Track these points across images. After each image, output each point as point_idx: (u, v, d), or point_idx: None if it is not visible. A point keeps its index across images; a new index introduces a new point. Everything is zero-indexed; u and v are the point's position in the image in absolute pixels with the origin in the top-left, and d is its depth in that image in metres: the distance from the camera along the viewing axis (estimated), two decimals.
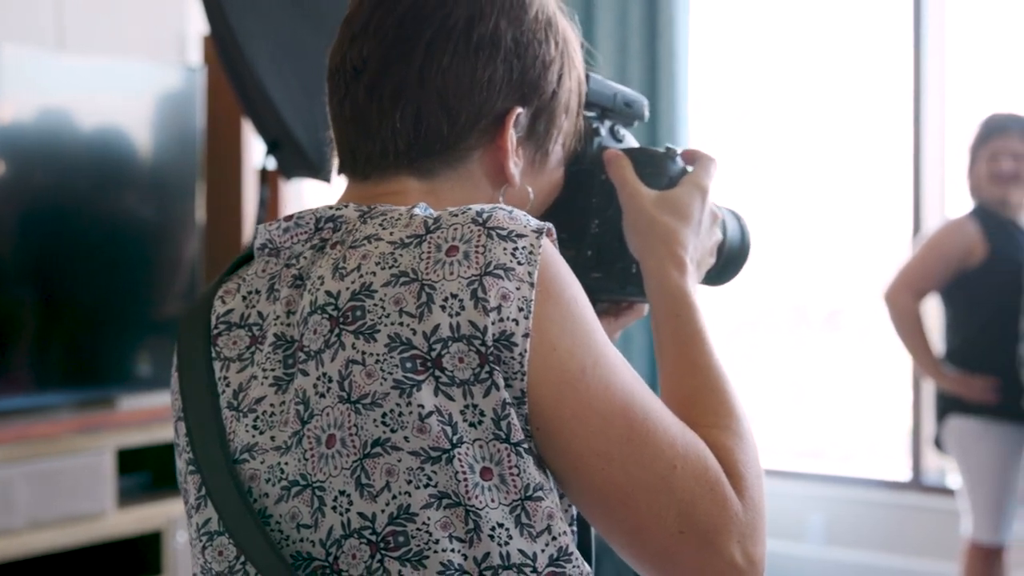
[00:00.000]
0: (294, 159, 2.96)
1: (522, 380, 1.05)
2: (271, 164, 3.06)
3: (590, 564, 1.17)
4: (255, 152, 4.31)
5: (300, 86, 2.85)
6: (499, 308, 1.04)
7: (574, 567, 1.08)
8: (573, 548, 1.09)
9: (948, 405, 4.07)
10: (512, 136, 1.19)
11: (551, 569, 1.07)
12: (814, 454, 5.52)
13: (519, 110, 1.19)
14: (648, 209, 1.26)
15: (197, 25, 4.32)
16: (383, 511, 1.05)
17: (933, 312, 4.25)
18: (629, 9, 4.94)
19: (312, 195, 4.78)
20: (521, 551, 1.06)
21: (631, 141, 1.34)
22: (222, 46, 2.99)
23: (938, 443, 4.18)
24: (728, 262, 1.38)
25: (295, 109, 2.87)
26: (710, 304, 5.19)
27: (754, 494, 1.12)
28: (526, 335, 1.05)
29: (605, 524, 1.11)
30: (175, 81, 4.06)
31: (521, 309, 1.05)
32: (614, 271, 1.29)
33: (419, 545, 1.05)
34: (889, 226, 5.16)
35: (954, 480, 4.15)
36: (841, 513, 5.05)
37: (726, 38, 5.50)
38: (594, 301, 1.13)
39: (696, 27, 4.99)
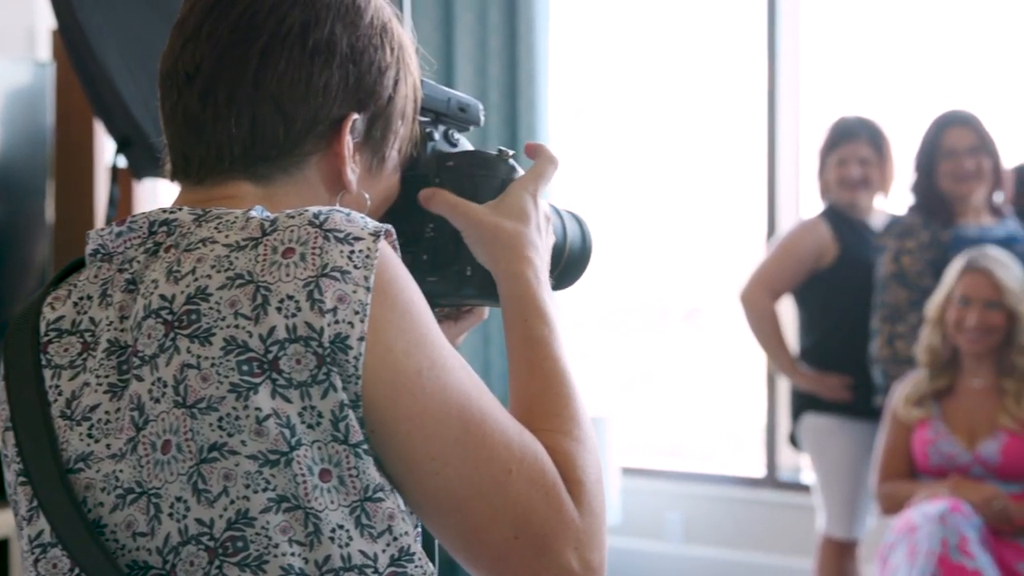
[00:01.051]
0: (145, 157, 2.90)
1: (357, 383, 1.05)
2: (122, 162, 2.99)
3: (434, 563, 1.16)
4: (106, 150, 4.21)
5: (150, 83, 2.78)
6: (335, 310, 1.04)
7: (416, 567, 1.08)
8: (416, 548, 1.08)
9: (803, 403, 4.15)
10: (349, 142, 1.19)
11: (392, 569, 1.07)
12: (673, 452, 5.58)
13: (355, 116, 1.18)
14: (486, 220, 1.26)
15: (46, 20, 4.21)
16: (221, 516, 1.04)
17: (788, 312, 4.32)
18: (489, 8, 4.93)
19: (167, 194, 4.70)
20: (362, 552, 1.06)
21: (465, 145, 1.35)
22: (71, 42, 2.91)
23: (793, 440, 4.26)
24: (569, 266, 1.40)
25: (145, 106, 2.81)
26: (572, 302, 5.30)
27: (592, 500, 1.12)
28: (361, 338, 1.05)
29: (439, 527, 1.11)
30: (24, 77, 3.95)
31: (357, 312, 1.05)
32: (449, 274, 1.29)
33: (258, 550, 1.04)
34: (745, 226, 5.24)
35: (809, 477, 4.24)
36: (699, 510, 5.11)
37: (586, 37, 5.53)
38: (433, 306, 1.13)
39: (556, 26, 5.01)
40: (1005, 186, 3.93)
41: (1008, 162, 4.00)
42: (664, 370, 5.70)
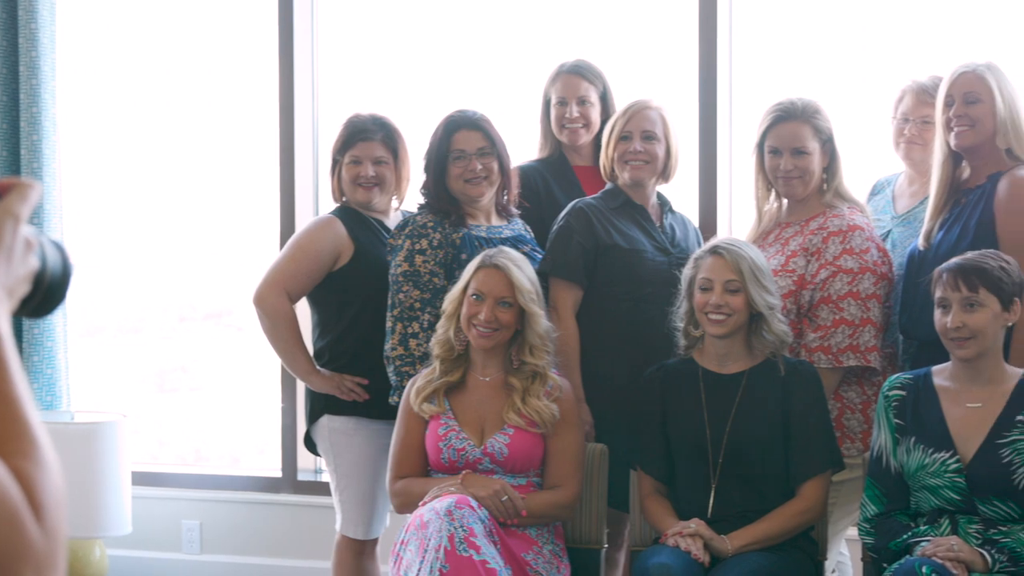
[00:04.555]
0: None
1: None
2: None
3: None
4: None
5: None
6: None
7: None
8: None
9: (320, 404, 4.11)
10: None
11: None
12: (194, 456, 5.45)
13: None
14: None
15: None
16: None
17: (304, 312, 4.27)
18: None
19: None
20: None
21: None
22: None
23: (309, 443, 4.22)
24: (51, 290, 1.36)
25: None
26: (88, 306, 5.08)
27: (53, 522, 1.14)
28: None
29: None
30: None
31: None
32: None
33: None
34: (263, 226, 5.18)
35: (327, 478, 4.22)
36: (217, 516, 5.00)
37: (93, 47, 5.35)
38: None
39: (62, 34, 4.88)
40: (512, 187, 4.05)
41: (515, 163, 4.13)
42: (186, 373, 5.56)
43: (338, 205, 4.18)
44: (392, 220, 4.16)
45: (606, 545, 3.83)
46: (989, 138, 3.69)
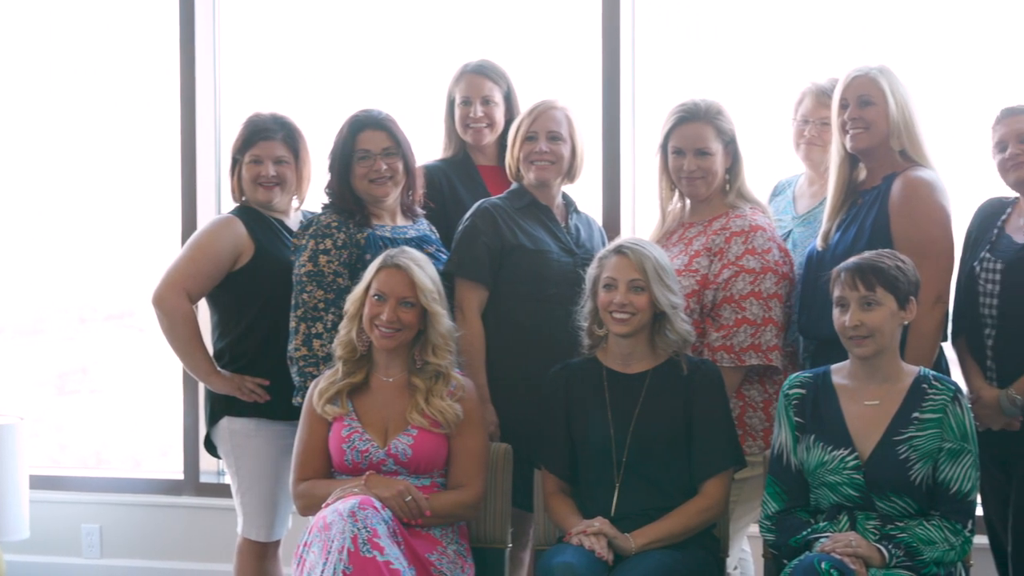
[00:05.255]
0: None
1: None
2: None
3: None
4: None
5: None
6: None
7: None
8: None
9: (220, 406, 4.07)
10: None
11: None
12: (93, 459, 5.37)
13: None
14: None
15: None
16: None
17: (204, 312, 4.22)
18: None
19: None
20: None
21: None
22: None
23: (209, 446, 4.18)
24: None
25: None
26: None
27: None
28: None
29: None
30: None
31: None
32: None
33: None
34: (165, 226, 5.12)
35: (228, 480, 4.18)
36: (117, 519, 4.94)
37: None
38: None
39: None
40: (417, 187, 4.04)
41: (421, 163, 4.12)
42: (87, 375, 5.48)
43: (238, 205, 4.14)
44: (293, 220, 4.13)
45: (510, 544, 3.83)
46: (883, 140, 3.75)
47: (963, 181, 4.10)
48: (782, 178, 4.37)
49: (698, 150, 3.87)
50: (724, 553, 3.71)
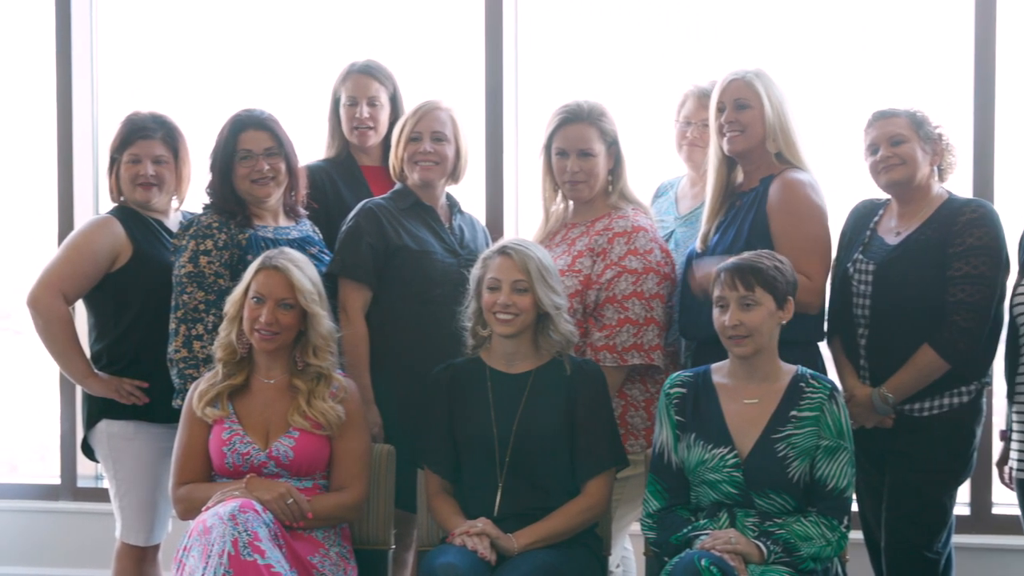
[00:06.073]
0: None
1: None
2: None
3: None
4: None
5: None
6: None
7: None
8: None
9: (97, 409, 4.01)
10: None
11: None
12: None
13: None
14: None
15: None
16: None
17: (81, 314, 4.15)
18: None
19: None
20: None
21: None
22: None
23: (86, 449, 4.11)
24: None
25: None
26: None
27: None
28: None
29: None
30: None
31: None
32: None
33: None
34: (42, 226, 5.03)
35: (107, 484, 4.11)
36: None
37: None
38: None
39: None
40: (300, 187, 4.01)
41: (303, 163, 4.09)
42: None
43: (116, 205, 4.08)
44: (172, 220, 4.08)
45: (394, 546, 3.82)
46: (760, 142, 3.81)
47: (837, 183, 4.17)
48: (665, 179, 4.42)
49: (581, 151, 3.90)
50: (607, 552, 3.74)
